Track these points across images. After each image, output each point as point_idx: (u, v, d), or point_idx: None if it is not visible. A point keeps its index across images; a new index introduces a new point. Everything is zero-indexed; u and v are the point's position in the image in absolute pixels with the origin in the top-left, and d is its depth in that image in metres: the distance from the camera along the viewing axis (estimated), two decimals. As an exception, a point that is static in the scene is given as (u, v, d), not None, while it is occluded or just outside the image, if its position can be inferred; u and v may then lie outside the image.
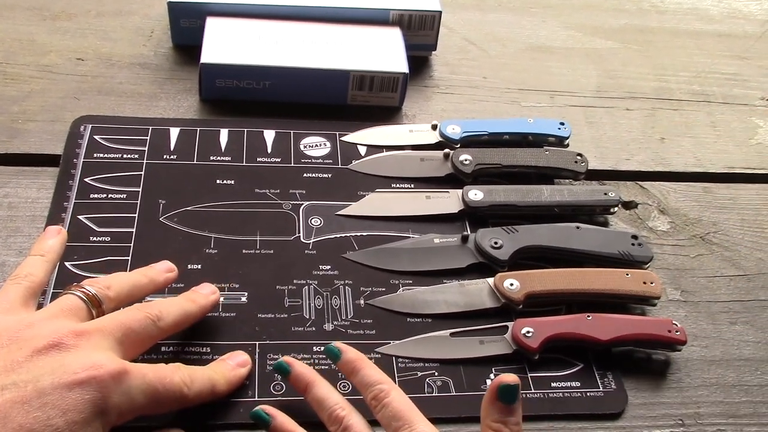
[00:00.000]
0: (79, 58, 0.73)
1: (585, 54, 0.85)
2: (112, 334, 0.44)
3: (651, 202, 0.68)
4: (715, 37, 0.90)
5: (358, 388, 0.48)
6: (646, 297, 0.57)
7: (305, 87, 0.70)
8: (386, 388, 0.46)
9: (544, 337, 0.54)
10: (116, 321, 0.45)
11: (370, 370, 0.48)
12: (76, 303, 0.46)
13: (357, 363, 0.49)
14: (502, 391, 0.43)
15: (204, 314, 0.51)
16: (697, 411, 0.53)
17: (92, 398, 0.40)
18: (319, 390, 0.48)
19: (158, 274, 0.52)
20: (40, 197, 0.60)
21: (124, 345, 0.44)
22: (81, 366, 0.40)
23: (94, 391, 0.40)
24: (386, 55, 0.71)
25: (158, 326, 0.47)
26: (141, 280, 0.50)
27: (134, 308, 0.47)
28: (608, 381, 0.54)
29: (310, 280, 0.57)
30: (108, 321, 0.45)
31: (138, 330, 0.45)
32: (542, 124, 0.70)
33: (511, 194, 0.63)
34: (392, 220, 0.62)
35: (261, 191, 0.63)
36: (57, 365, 0.40)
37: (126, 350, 0.44)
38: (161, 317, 0.47)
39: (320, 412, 0.47)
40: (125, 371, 0.41)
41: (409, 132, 0.70)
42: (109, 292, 0.47)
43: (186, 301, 0.50)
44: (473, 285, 0.58)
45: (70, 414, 0.39)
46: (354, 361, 0.49)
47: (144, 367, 0.43)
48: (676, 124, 0.77)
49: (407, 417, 0.45)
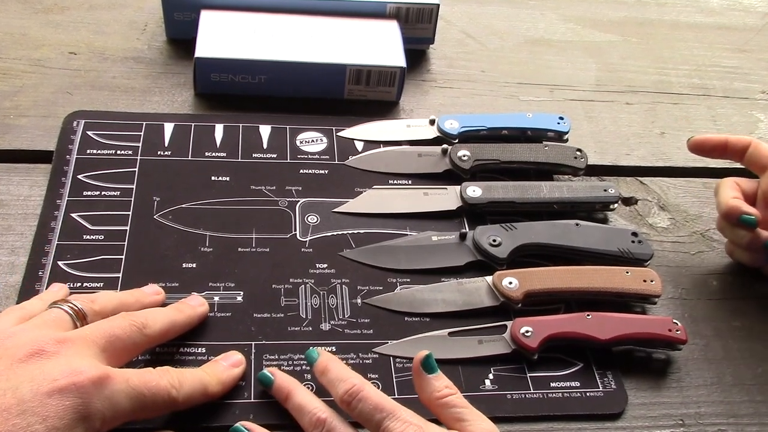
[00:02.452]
0: (72, 52, 0.72)
1: (584, 47, 0.84)
2: (95, 342, 0.43)
3: (651, 198, 0.68)
4: (716, 29, 0.89)
5: (328, 387, 0.47)
6: (647, 295, 0.57)
7: (301, 81, 0.69)
8: (358, 382, 0.45)
9: (544, 336, 0.53)
10: (100, 329, 0.44)
11: (340, 368, 0.47)
12: (61, 315, 0.45)
13: (327, 363, 0.48)
14: (426, 364, 0.46)
15: (191, 325, 0.51)
16: (698, 411, 0.53)
17: (73, 404, 0.39)
18: (298, 397, 0.47)
19: (145, 296, 0.51)
20: (32, 195, 0.59)
21: (108, 352, 0.43)
22: (61, 372, 0.40)
23: (74, 398, 0.39)
24: (383, 48, 0.71)
25: (144, 334, 0.46)
26: (128, 299, 0.50)
27: (119, 316, 0.46)
28: (608, 381, 0.53)
29: (307, 278, 0.56)
30: (91, 329, 0.44)
31: (123, 338, 0.45)
32: (541, 119, 0.69)
33: (509, 191, 0.63)
34: (389, 218, 0.62)
35: (257, 188, 0.62)
36: (37, 373, 0.40)
37: (110, 358, 0.44)
38: (147, 325, 0.46)
39: (301, 419, 0.46)
40: (107, 377, 0.41)
41: (406, 127, 0.69)
42: (94, 306, 0.47)
43: (174, 311, 0.50)
44: (471, 283, 0.57)
45: (50, 421, 0.38)
46: (324, 362, 0.48)
47: (128, 372, 0.43)
48: (676, 118, 0.76)
49: (388, 407, 0.44)
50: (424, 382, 0.46)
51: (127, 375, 0.42)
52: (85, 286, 0.53)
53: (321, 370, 0.48)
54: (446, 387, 0.46)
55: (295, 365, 0.51)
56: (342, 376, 0.46)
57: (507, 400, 0.51)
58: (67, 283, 0.53)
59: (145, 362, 0.49)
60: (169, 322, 0.49)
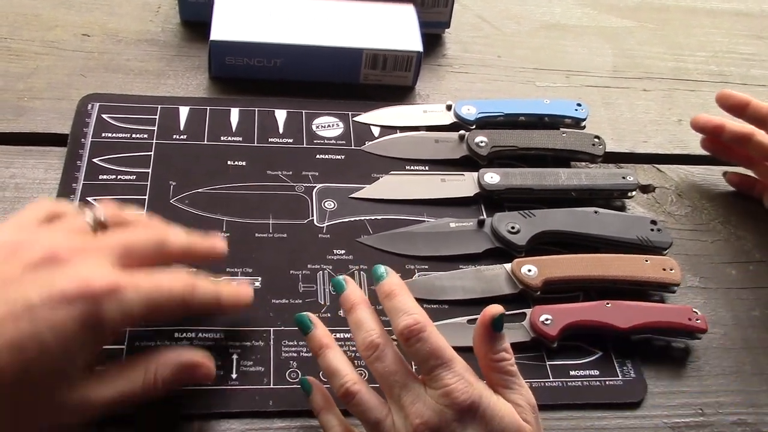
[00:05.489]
0: (85, 34, 0.71)
1: (600, 32, 0.83)
2: (111, 251, 0.43)
3: (669, 186, 0.67)
4: (733, 15, 0.88)
5: (389, 314, 0.45)
6: (666, 284, 0.56)
7: (317, 65, 0.68)
8: (422, 320, 0.43)
9: (563, 324, 0.53)
10: (117, 239, 0.44)
11: (406, 297, 0.45)
12: (84, 226, 0.45)
13: (393, 288, 0.45)
14: (496, 321, 0.44)
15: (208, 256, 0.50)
16: (717, 400, 0.53)
17: (82, 313, 0.39)
18: (361, 313, 0.45)
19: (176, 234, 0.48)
20: (48, 178, 0.59)
21: (124, 262, 0.43)
22: (71, 280, 0.39)
23: (84, 306, 0.39)
24: (400, 33, 0.70)
25: (163, 250, 0.45)
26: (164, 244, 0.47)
27: (140, 228, 0.46)
28: (627, 369, 0.53)
29: (324, 264, 0.56)
30: (109, 238, 0.44)
31: (140, 249, 0.44)
32: (559, 105, 0.69)
33: (527, 177, 0.62)
34: (407, 204, 0.61)
35: (273, 173, 0.61)
36: (48, 280, 0.39)
37: (124, 267, 0.43)
38: (167, 242, 0.46)
39: (357, 334, 0.45)
40: (118, 285, 0.40)
41: (423, 112, 0.68)
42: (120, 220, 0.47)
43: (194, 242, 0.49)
44: (490, 271, 0.57)
45: (59, 329, 0.38)
46: (390, 286, 0.46)
47: (140, 278, 0.42)
48: (693, 105, 0.76)
49: (445, 356, 0.42)
50: (486, 336, 0.44)
51: (140, 282, 0.42)
52: (102, 271, 0.53)
53: (386, 293, 0.46)
54: (504, 350, 0.44)
55: (314, 351, 0.51)
56: (406, 308, 0.44)
57: (526, 389, 0.51)
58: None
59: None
60: (189, 246, 0.48)
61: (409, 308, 0.44)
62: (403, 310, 0.44)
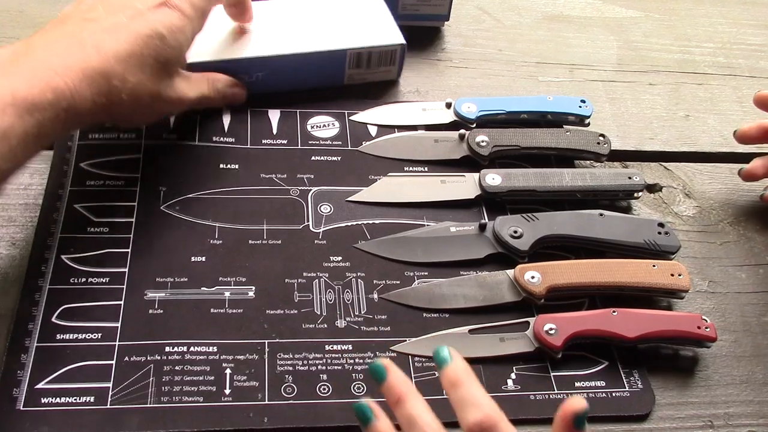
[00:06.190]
0: (72, 31, 0.69)
1: (604, 24, 0.81)
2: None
3: (676, 185, 0.65)
4: (740, 5, 0.86)
5: (455, 404, 0.40)
6: (674, 290, 0.55)
7: (299, 73, 0.64)
8: (494, 415, 0.39)
9: (568, 334, 0.51)
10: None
11: (474, 386, 0.41)
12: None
13: (460, 376, 0.41)
14: (578, 421, 0.39)
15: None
16: (727, 411, 0.51)
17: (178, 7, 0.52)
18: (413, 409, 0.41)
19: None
20: (33, 183, 0.57)
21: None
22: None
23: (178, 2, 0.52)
24: (377, 27, 0.66)
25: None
26: None
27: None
28: (634, 380, 0.51)
29: (321, 272, 0.54)
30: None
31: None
32: (562, 102, 0.66)
33: (530, 179, 0.60)
34: (406, 207, 0.59)
35: (267, 176, 0.59)
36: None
37: None
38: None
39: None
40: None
41: (422, 110, 0.66)
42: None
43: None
44: (492, 277, 0.55)
45: (167, 22, 0.51)
46: (456, 372, 0.41)
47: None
48: (701, 99, 0.73)
49: None
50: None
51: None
52: (90, 282, 0.51)
53: (451, 381, 0.41)
54: None
55: (311, 365, 0.49)
56: (475, 400, 0.40)
57: (530, 401, 0.49)
58: (71, 278, 0.51)
59: (154, 363, 0.48)
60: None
61: (478, 400, 0.40)
62: (472, 403, 0.40)
